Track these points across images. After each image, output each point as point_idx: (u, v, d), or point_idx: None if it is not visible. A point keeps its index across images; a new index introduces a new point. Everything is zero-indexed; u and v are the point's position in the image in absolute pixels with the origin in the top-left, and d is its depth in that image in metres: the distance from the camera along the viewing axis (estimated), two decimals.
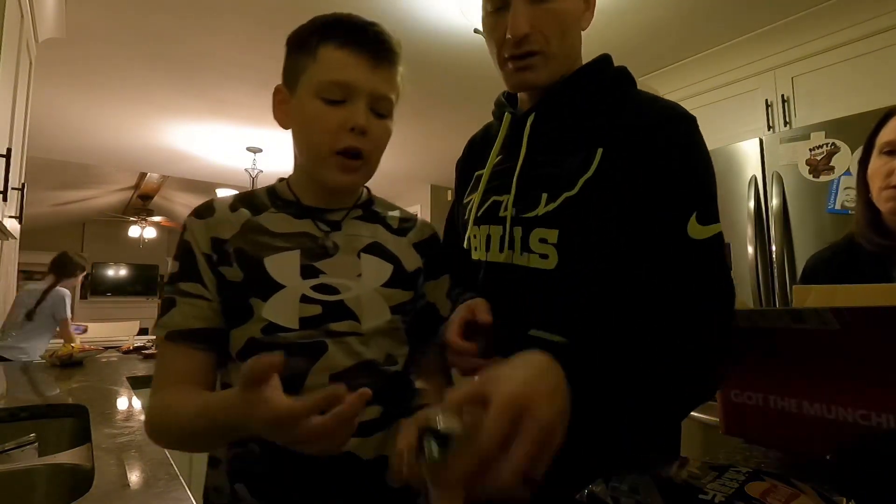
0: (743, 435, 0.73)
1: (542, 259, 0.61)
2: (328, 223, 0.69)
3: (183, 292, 0.63)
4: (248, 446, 0.61)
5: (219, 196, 0.71)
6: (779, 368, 0.68)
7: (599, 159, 0.60)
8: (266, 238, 0.65)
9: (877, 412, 0.59)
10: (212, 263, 0.64)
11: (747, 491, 0.44)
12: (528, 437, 0.36)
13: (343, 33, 0.62)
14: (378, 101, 0.65)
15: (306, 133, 0.65)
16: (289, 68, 0.67)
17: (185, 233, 0.66)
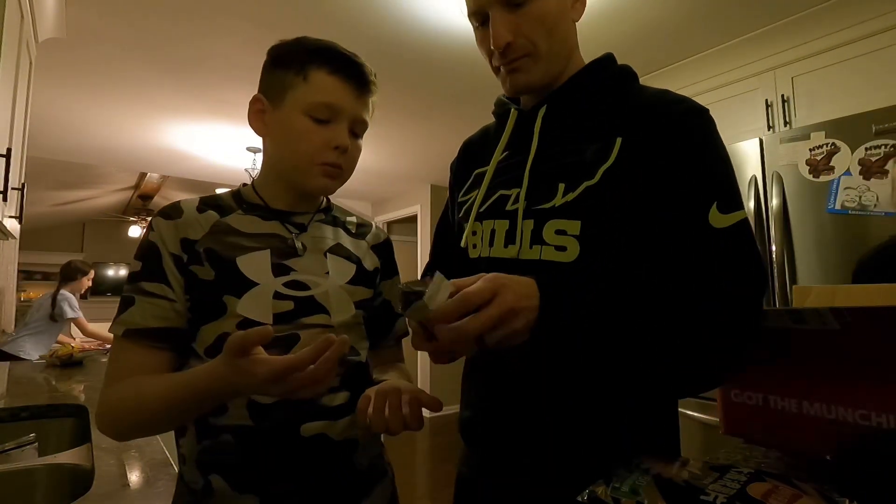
0: (743, 435, 0.73)
1: (559, 251, 0.59)
2: (295, 225, 0.74)
3: (144, 291, 0.65)
4: (221, 438, 0.64)
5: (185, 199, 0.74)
6: (779, 368, 0.68)
7: (619, 148, 0.59)
8: (236, 238, 0.69)
9: (877, 412, 0.58)
10: (181, 263, 0.67)
11: (749, 492, 0.44)
12: (491, 309, 0.46)
13: (334, 61, 0.70)
14: (357, 123, 0.73)
15: (291, 144, 0.70)
16: (272, 82, 0.72)
17: (151, 233, 0.68)
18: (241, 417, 0.64)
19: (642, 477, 0.47)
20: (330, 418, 0.68)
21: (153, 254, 0.66)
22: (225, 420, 0.64)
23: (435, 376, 4.90)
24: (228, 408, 0.64)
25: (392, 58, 2.47)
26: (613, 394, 0.60)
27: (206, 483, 0.64)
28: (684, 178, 0.56)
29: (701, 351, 0.54)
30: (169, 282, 0.66)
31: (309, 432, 0.66)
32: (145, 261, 0.67)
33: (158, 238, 0.67)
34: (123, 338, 0.64)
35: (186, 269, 0.66)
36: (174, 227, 0.68)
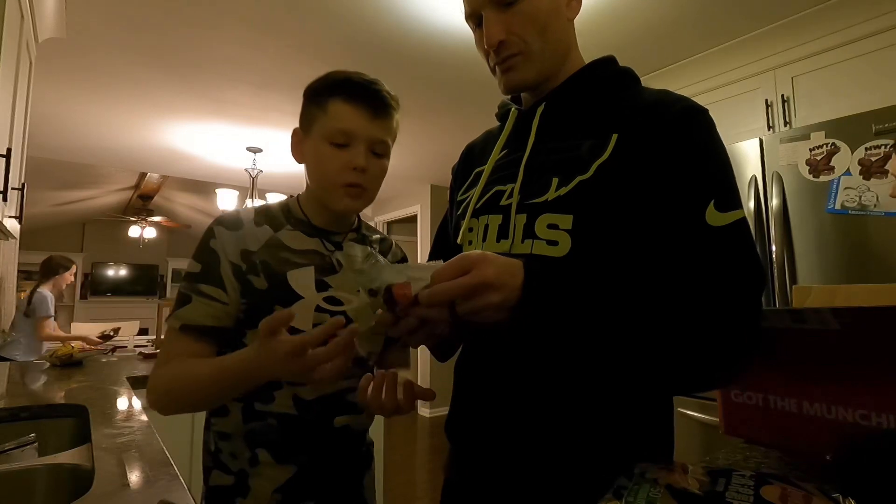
0: (743, 435, 0.73)
1: (551, 246, 0.59)
2: (332, 243, 0.84)
3: (201, 292, 0.74)
4: (267, 420, 0.77)
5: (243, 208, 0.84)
6: (779, 368, 0.68)
7: (615, 144, 0.59)
8: (286, 254, 0.79)
9: (877, 412, 0.58)
10: (240, 272, 0.76)
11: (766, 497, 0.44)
12: (464, 279, 0.48)
13: (349, 89, 0.77)
14: (375, 144, 0.79)
15: (317, 169, 0.80)
16: (305, 116, 0.82)
17: (212, 240, 0.77)
18: (287, 407, 0.77)
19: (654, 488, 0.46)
20: (354, 413, 0.83)
21: (213, 259, 0.76)
22: (272, 407, 0.77)
23: (435, 377, 4.89)
24: (275, 398, 0.77)
25: (392, 58, 2.47)
26: (602, 391, 0.59)
27: (252, 454, 0.77)
28: (682, 176, 0.56)
29: (694, 348, 0.53)
30: (225, 287, 0.75)
31: (339, 423, 0.81)
32: (205, 264, 0.76)
33: (220, 246, 0.76)
34: (179, 331, 0.73)
35: (244, 276, 0.76)
36: (235, 237, 0.77)
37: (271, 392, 0.77)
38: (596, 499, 0.47)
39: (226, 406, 0.78)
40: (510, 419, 0.62)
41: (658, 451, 0.62)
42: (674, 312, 0.52)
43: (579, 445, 0.58)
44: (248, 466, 0.77)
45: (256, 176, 4.13)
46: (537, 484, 0.60)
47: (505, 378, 0.63)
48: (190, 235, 9.03)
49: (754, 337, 0.54)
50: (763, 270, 0.55)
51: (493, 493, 0.63)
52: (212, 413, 0.81)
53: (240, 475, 0.77)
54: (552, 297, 0.51)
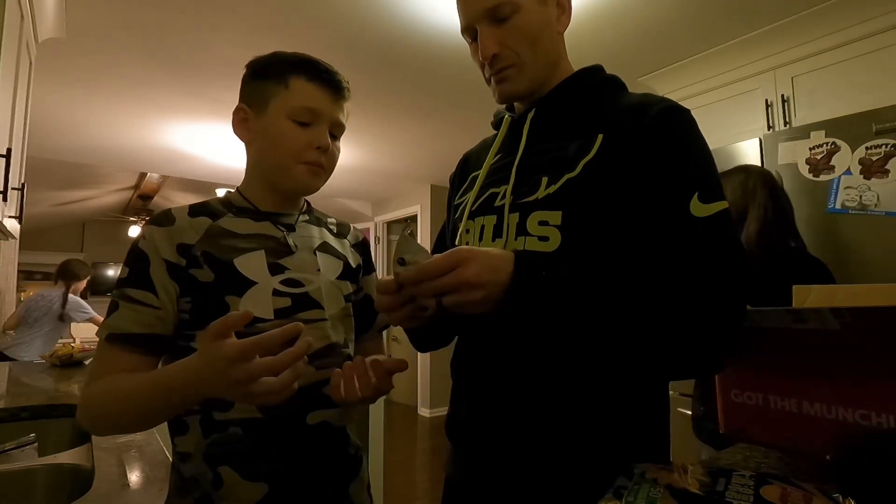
0: (743, 435, 0.73)
1: (542, 241, 0.61)
2: (284, 225, 0.80)
3: (129, 298, 0.68)
4: (229, 431, 0.68)
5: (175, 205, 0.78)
6: (779, 368, 0.68)
7: (600, 143, 0.61)
8: (231, 240, 0.73)
9: (877, 412, 0.59)
10: (178, 269, 0.69)
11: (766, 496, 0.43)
12: (447, 278, 0.51)
13: (312, 70, 0.76)
14: (335, 126, 0.78)
15: (276, 146, 0.75)
16: (254, 92, 0.79)
17: (141, 241, 0.70)
18: (250, 411, 0.69)
19: (654, 488, 0.46)
20: (331, 407, 0.74)
21: (141, 261, 0.69)
22: (232, 414, 0.68)
23: (435, 377, 4.90)
24: (234, 403, 0.68)
25: (392, 58, 2.47)
26: (598, 387, 0.60)
27: (215, 475, 0.67)
28: (666, 170, 0.58)
29: (679, 334, 0.54)
30: (155, 289, 0.68)
31: (314, 420, 0.73)
32: (132, 267, 0.69)
33: (149, 245, 0.69)
34: (107, 341, 0.66)
35: (185, 273, 0.69)
36: (167, 234, 0.71)
37: None
38: (596, 498, 0.47)
39: (183, 421, 0.70)
40: (508, 417, 0.62)
41: (655, 448, 0.62)
42: (659, 300, 0.54)
43: (576, 442, 0.59)
44: (211, 490, 0.67)
45: None
46: (537, 483, 0.60)
47: (501, 376, 0.64)
48: None
49: (739, 322, 0.55)
50: (744, 256, 0.57)
51: (494, 492, 0.63)
52: (173, 432, 0.72)
53: (202, 501, 0.68)
54: (542, 285, 0.53)
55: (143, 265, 0.69)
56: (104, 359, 0.67)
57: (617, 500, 0.45)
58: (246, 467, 0.68)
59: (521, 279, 0.52)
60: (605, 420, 0.59)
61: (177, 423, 0.71)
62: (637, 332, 0.54)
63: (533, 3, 0.65)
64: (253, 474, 0.68)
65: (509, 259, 0.53)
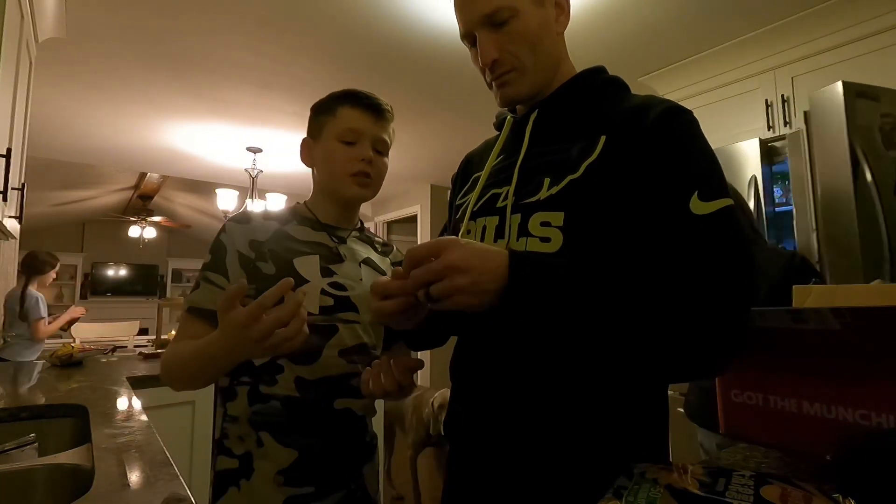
0: (743, 435, 0.73)
1: (543, 242, 0.61)
2: (337, 238, 0.94)
3: (207, 279, 0.83)
4: (270, 403, 0.82)
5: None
6: (779, 368, 0.68)
7: (603, 145, 0.61)
8: (293, 243, 0.88)
9: (877, 412, 0.59)
10: (248, 260, 0.84)
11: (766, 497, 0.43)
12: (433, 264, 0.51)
13: (355, 98, 0.90)
14: (378, 142, 0.91)
15: (329, 164, 0.90)
16: (314, 125, 0.94)
17: (222, 234, 0.86)
18: (290, 389, 0.82)
19: (654, 488, 0.46)
20: (355, 397, 0.87)
21: (221, 250, 0.85)
22: (275, 390, 0.82)
23: (435, 377, 4.90)
24: (278, 381, 0.82)
25: (392, 58, 2.48)
26: (597, 387, 0.59)
27: (257, 437, 0.82)
28: (666, 170, 0.57)
29: (681, 334, 0.53)
30: (228, 275, 0.83)
31: (340, 406, 0.85)
32: (214, 255, 0.85)
33: (228, 239, 0.85)
34: (187, 312, 0.83)
35: (253, 264, 0.84)
36: (244, 230, 0.86)
37: (274, 375, 0.82)
38: (596, 498, 0.47)
39: (234, 389, 0.84)
40: (508, 418, 0.62)
41: (654, 448, 0.62)
42: (660, 301, 0.53)
43: (576, 442, 0.59)
44: (254, 448, 0.81)
45: (256, 176, 4.13)
46: (537, 483, 0.60)
47: (500, 377, 0.64)
48: (190, 235, 9.04)
49: (741, 322, 0.54)
50: (751, 255, 0.55)
51: (494, 492, 0.63)
52: (224, 398, 0.86)
53: (244, 458, 0.81)
54: (540, 280, 0.52)
55: (221, 254, 0.84)
56: (184, 326, 0.83)
57: (617, 500, 0.45)
58: (281, 435, 0.81)
59: (519, 275, 0.52)
60: (604, 420, 0.59)
61: (229, 391, 0.84)
62: (636, 332, 0.53)
63: (530, 6, 0.65)
64: (287, 442, 0.81)
65: (502, 254, 0.53)
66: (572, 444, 0.59)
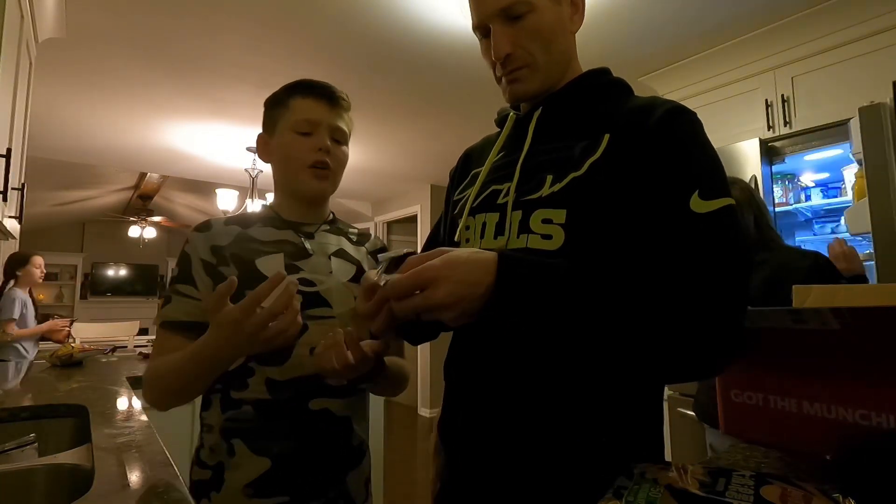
0: (743, 435, 0.73)
1: (545, 239, 0.60)
2: (304, 234, 0.91)
3: (178, 292, 0.82)
4: (242, 408, 0.80)
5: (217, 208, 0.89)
6: (779, 368, 0.68)
7: (607, 143, 0.61)
8: (255, 245, 0.86)
9: (877, 412, 0.59)
10: (211, 267, 0.83)
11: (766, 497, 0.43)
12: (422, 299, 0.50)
13: (307, 87, 0.88)
14: (335, 131, 0.89)
15: (285, 157, 0.88)
16: (268, 120, 0.92)
17: (186, 245, 0.85)
18: (260, 392, 0.80)
19: (654, 488, 0.46)
20: (333, 397, 0.84)
21: (186, 262, 0.84)
22: (246, 394, 0.80)
23: (435, 377, 4.90)
24: (249, 384, 0.80)
25: (392, 58, 2.48)
26: (591, 387, 0.59)
27: (229, 446, 0.79)
28: (667, 169, 0.57)
29: (678, 334, 0.52)
30: (196, 284, 0.82)
31: (316, 406, 0.82)
32: (180, 267, 0.84)
33: (191, 248, 0.84)
34: (161, 328, 0.81)
35: (215, 270, 0.83)
36: (205, 237, 0.85)
37: (245, 379, 0.80)
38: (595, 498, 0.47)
39: (209, 398, 0.83)
40: (503, 420, 0.62)
41: (649, 448, 0.62)
42: (657, 299, 0.52)
43: (571, 443, 0.58)
44: (225, 458, 0.79)
45: (256, 176, 4.13)
46: (533, 486, 0.60)
47: (495, 378, 0.63)
48: None
49: (738, 321, 0.53)
50: (748, 254, 0.55)
51: (492, 493, 0.63)
52: (202, 408, 0.84)
53: (216, 469, 0.80)
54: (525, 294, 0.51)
55: (187, 265, 0.83)
56: (159, 342, 0.81)
57: (617, 500, 0.45)
58: (254, 442, 0.79)
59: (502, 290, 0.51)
60: (602, 420, 0.59)
61: (204, 400, 0.84)
62: (632, 333, 0.52)
63: (547, 2, 0.64)
64: (259, 449, 0.79)
65: (490, 269, 0.51)
66: (571, 445, 0.59)
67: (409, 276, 0.50)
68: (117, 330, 5.19)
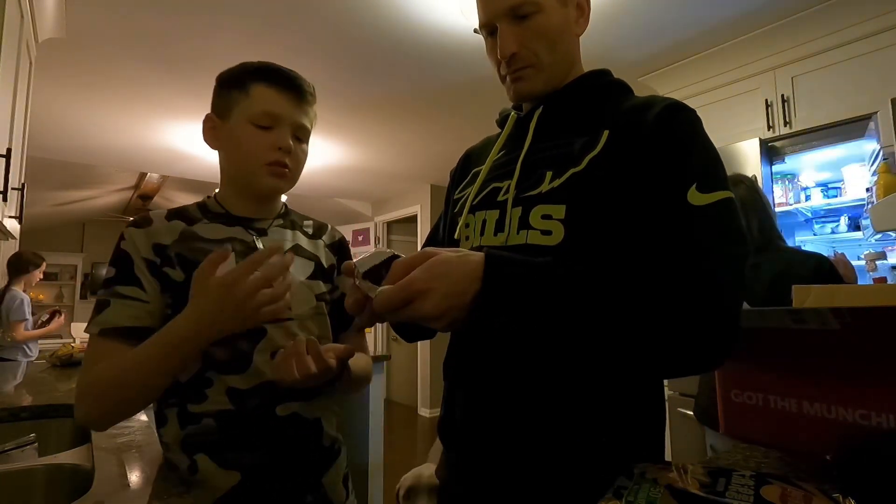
0: (743, 435, 0.73)
1: (544, 235, 0.60)
2: (256, 230, 0.84)
3: (119, 294, 0.72)
4: (203, 422, 0.73)
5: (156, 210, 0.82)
6: (779, 368, 0.68)
7: (606, 139, 0.61)
8: (202, 244, 0.78)
9: (877, 412, 0.59)
10: (154, 267, 0.75)
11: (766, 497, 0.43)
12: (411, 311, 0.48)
13: (272, 76, 0.80)
14: (298, 128, 0.81)
15: (239, 151, 0.79)
16: (221, 101, 0.82)
17: (123, 241, 0.76)
18: (222, 403, 0.73)
19: (654, 488, 0.46)
20: (301, 399, 0.79)
21: (126, 260, 0.74)
22: (206, 406, 0.73)
23: (435, 377, 4.90)
24: (208, 395, 0.73)
25: (392, 58, 2.48)
26: (592, 385, 0.59)
27: (191, 462, 0.73)
28: (666, 164, 0.57)
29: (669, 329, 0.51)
30: (142, 285, 0.73)
31: (284, 412, 0.77)
32: (119, 267, 0.74)
33: (130, 245, 0.75)
34: (99, 336, 0.71)
35: (160, 270, 0.75)
36: (145, 234, 0.76)
37: (203, 390, 0.73)
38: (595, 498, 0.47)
39: (163, 414, 0.75)
40: (503, 419, 0.62)
41: (650, 447, 0.62)
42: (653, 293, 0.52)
43: (572, 442, 0.58)
44: (188, 475, 0.73)
45: None
46: (536, 483, 0.60)
47: (495, 378, 0.63)
48: None
49: (735, 313, 0.53)
50: (747, 247, 0.55)
51: (492, 493, 0.63)
52: (157, 425, 0.77)
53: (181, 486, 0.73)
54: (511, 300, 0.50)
55: (128, 264, 0.74)
56: (98, 352, 0.70)
57: (617, 500, 0.45)
58: (219, 456, 0.73)
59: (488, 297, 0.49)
60: (602, 419, 0.59)
61: (159, 416, 0.76)
62: (628, 328, 0.52)
63: (554, 3, 0.65)
64: (226, 462, 0.73)
65: (477, 276, 0.49)
66: (571, 444, 0.59)
67: (396, 290, 0.48)
68: None
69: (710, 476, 0.49)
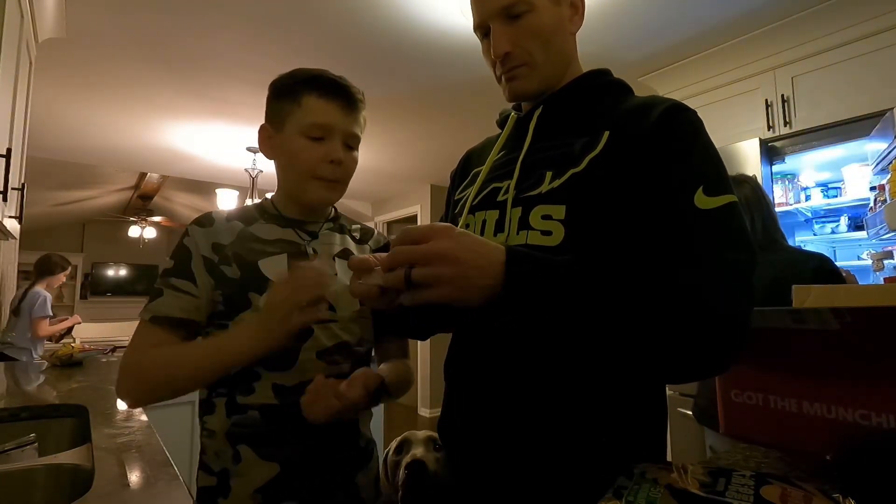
0: (743, 435, 0.73)
1: (544, 235, 0.60)
2: (307, 233, 0.88)
3: (172, 286, 0.77)
4: (248, 414, 0.77)
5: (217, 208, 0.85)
6: (779, 368, 0.68)
7: (606, 140, 0.61)
8: (258, 244, 0.83)
9: (877, 412, 0.58)
10: (212, 265, 0.79)
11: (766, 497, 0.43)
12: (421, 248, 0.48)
13: (322, 85, 0.81)
14: (349, 137, 0.84)
15: (292, 163, 0.83)
16: (274, 111, 0.84)
17: (185, 238, 0.81)
18: (268, 397, 0.78)
19: (654, 488, 0.46)
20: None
21: (185, 255, 0.79)
22: (253, 399, 0.77)
23: (435, 377, 4.90)
24: (255, 389, 0.77)
25: (392, 58, 2.48)
26: (594, 386, 0.59)
27: (235, 452, 0.77)
28: (670, 166, 0.57)
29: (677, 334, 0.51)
30: (195, 280, 0.78)
31: None
32: (177, 260, 0.79)
33: (192, 242, 0.80)
34: (150, 322, 0.76)
35: (217, 268, 0.79)
36: (206, 233, 0.81)
37: (251, 383, 0.77)
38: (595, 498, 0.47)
39: (212, 402, 0.80)
40: (504, 419, 0.62)
41: (652, 447, 0.62)
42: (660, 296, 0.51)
43: (573, 443, 0.58)
44: (230, 465, 0.77)
45: (256, 176, 4.13)
46: (536, 484, 0.60)
47: (496, 378, 0.63)
48: None
49: (744, 318, 0.52)
50: (753, 252, 0.55)
51: (492, 493, 0.63)
52: (202, 411, 0.81)
53: (222, 475, 0.77)
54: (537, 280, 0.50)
55: (186, 258, 0.79)
56: (144, 338, 0.76)
57: (617, 500, 0.45)
58: (261, 448, 0.77)
59: (516, 273, 0.49)
60: (603, 419, 0.59)
61: (207, 404, 0.80)
62: (635, 329, 0.51)
63: (547, 2, 0.65)
64: (267, 455, 0.76)
65: (499, 249, 0.50)
66: (571, 445, 0.58)
67: (419, 227, 0.49)
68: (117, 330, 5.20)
69: (710, 476, 0.49)
